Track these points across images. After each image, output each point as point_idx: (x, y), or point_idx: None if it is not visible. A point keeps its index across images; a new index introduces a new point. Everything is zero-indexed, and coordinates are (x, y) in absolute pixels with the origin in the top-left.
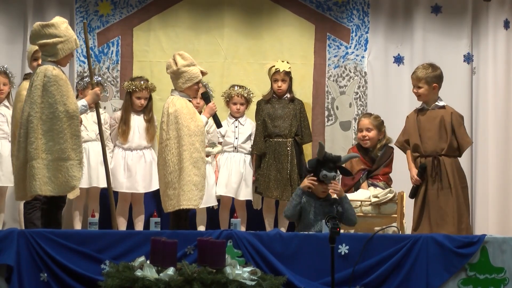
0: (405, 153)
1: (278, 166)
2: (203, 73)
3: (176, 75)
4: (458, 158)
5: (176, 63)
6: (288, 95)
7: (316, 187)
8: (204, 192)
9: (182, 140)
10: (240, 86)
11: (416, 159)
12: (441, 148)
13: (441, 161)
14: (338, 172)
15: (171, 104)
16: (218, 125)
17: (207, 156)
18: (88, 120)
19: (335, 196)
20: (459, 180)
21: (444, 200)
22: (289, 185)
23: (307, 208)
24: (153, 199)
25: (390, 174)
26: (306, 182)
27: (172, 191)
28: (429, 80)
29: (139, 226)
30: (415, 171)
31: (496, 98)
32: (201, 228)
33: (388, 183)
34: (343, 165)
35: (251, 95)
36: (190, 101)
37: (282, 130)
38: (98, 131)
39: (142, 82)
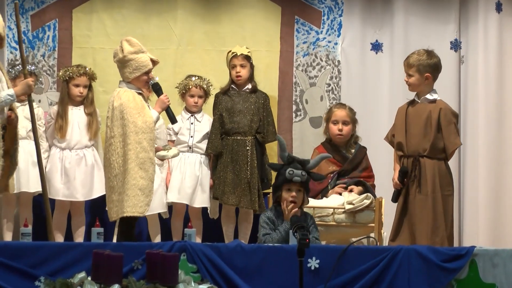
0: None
1: (235, 167)
2: (153, 62)
3: (122, 64)
4: (445, 161)
5: (122, 50)
6: (249, 86)
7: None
8: (151, 197)
9: (128, 138)
10: (198, 77)
11: (401, 159)
12: (423, 148)
13: (422, 163)
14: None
15: (117, 97)
16: (173, 120)
17: (162, 160)
18: (18, 115)
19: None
20: (442, 186)
21: (420, 208)
22: (248, 190)
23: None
24: (95, 206)
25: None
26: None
27: (117, 196)
28: (422, 68)
29: (79, 239)
30: (397, 174)
31: (487, 91)
32: (158, 238)
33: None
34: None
35: (210, 86)
36: (140, 93)
37: (241, 127)
38: (29, 128)
39: (79, 67)
